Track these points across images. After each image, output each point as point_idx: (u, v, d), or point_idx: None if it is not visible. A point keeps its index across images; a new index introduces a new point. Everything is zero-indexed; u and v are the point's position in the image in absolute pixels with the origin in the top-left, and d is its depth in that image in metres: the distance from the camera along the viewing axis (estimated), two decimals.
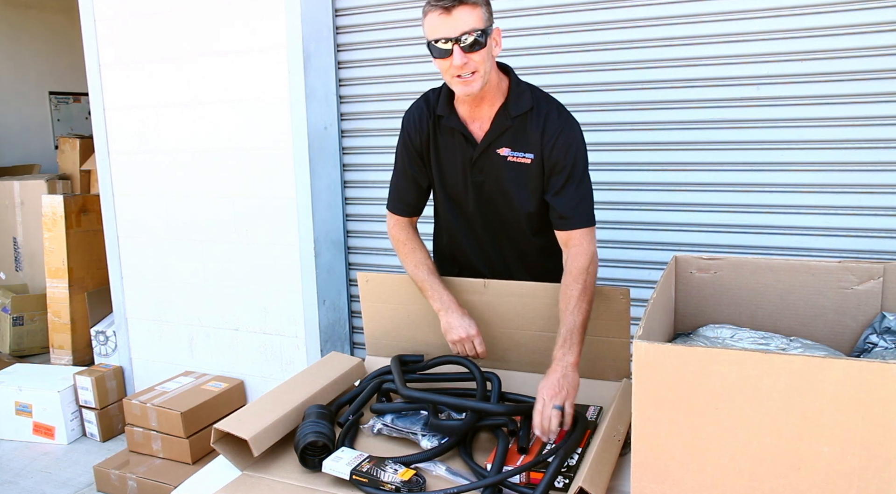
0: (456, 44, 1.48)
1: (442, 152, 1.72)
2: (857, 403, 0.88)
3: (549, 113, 1.64)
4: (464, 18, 1.47)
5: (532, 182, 1.66)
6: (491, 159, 1.66)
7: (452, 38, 1.48)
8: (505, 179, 1.67)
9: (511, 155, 1.64)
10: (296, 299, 3.04)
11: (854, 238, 2.31)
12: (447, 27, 1.47)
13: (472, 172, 1.68)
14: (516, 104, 1.63)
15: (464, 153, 1.68)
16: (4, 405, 3.36)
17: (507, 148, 1.64)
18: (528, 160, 1.64)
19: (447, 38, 1.48)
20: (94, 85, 3.31)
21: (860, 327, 1.38)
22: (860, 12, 2.19)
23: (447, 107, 1.67)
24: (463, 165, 1.69)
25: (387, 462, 1.30)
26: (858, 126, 2.26)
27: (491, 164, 1.67)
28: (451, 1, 1.46)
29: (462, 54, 1.48)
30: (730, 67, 2.36)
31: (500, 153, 1.65)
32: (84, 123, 6.33)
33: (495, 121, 1.64)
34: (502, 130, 1.64)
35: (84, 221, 3.94)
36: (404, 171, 1.79)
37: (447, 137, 1.70)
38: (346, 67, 3.01)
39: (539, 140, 1.63)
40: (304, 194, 2.92)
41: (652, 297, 1.20)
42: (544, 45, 2.61)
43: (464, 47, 1.48)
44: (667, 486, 1.00)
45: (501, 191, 1.69)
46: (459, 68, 1.50)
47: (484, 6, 1.51)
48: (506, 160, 1.65)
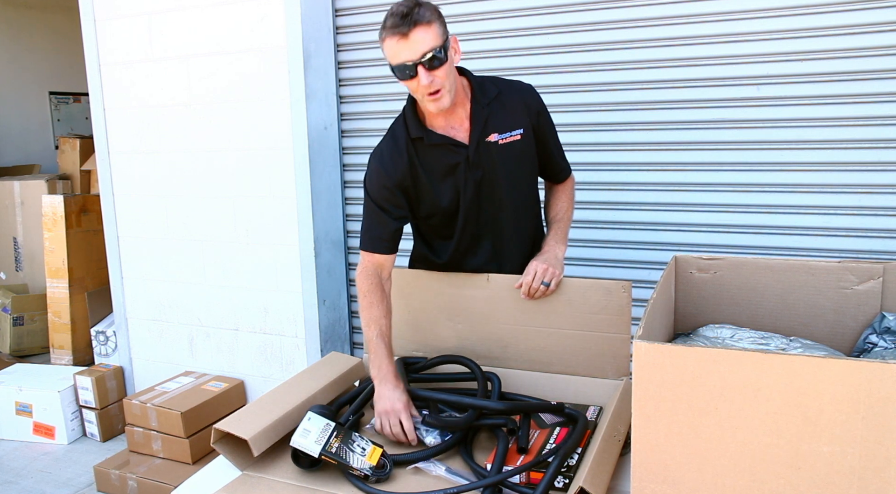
0: (420, 65, 1.51)
1: (432, 172, 1.69)
2: (856, 403, 0.88)
3: (514, 86, 1.74)
4: (422, 39, 1.50)
5: (527, 155, 1.74)
6: (484, 152, 1.69)
7: (415, 61, 1.50)
8: (502, 163, 1.71)
9: (501, 139, 1.69)
10: (296, 299, 3.04)
11: (854, 238, 2.31)
12: (407, 51, 1.50)
13: (470, 172, 1.69)
14: (484, 94, 1.69)
15: (456, 159, 1.68)
16: (4, 405, 3.36)
17: (495, 133, 1.68)
18: (518, 136, 1.70)
19: (409, 61, 1.50)
20: (94, 85, 3.31)
21: (860, 327, 1.38)
22: (860, 12, 2.19)
23: (420, 128, 1.68)
24: (460, 170, 1.69)
25: (353, 437, 1.31)
26: (858, 126, 2.26)
27: (485, 156, 1.69)
28: (406, 26, 1.48)
29: (427, 74, 1.52)
30: (730, 67, 2.36)
31: (490, 141, 1.68)
32: (84, 123, 6.33)
33: (473, 116, 1.67)
34: (484, 121, 1.67)
35: (84, 221, 3.95)
36: (377, 214, 1.73)
37: (432, 155, 1.68)
38: (346, 67, 3.01)
39: (524, 109, 1.71)
40: (304, 194, 2.92)
41: (652, 297, 1.20)
42: (544, 45, 2.61)
43: (427, 67, 1.51)
44: (667, 486, 1.00)
45: (502, 176, 1.72)
46: (427, 87, 1.53)
47: (437, 20, 1.55)
48: (498, 145, 1.69)
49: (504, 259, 1.80)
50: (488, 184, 1.71)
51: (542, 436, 1.37)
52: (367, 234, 1.75)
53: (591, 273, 2.71)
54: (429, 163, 1.69)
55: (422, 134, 1.67)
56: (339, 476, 1.31)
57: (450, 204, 1.72)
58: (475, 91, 1.69)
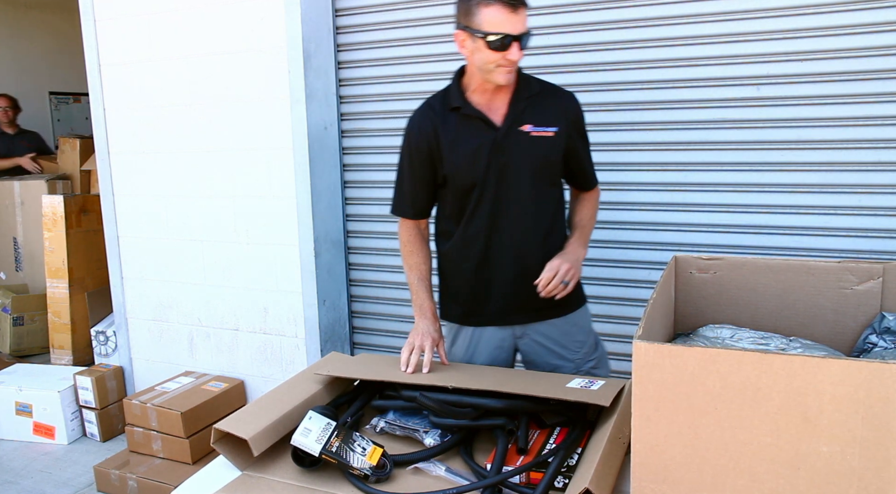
0: (516, 41, 1.61)
1: (458, 143, 1.76)
2: (856, 403, 0.88)
3: (558, 90, 1.83)
4: (524, 19, 1.62)
5: (555, 154, 1.79)
6: (514, 138, 1.74)
7: (514, 36, 1.60)
8: (529, 153, 1.76)
9: (534, 130, 1.75)
10: (296, 299, 3.04)
11: (854, 238, 2.31)
12: (511, 25, 1.59)
13: (495, 154, 1.74)
14: (527, 87, 1.77)
15: (484, 138, 1.74)
16: (5, 405, 3.36)
17: (530, 124, 1.75)
18: (552, 133, 1.76)
19: (510, 34, 1.59)
20: (94, 85, 3.31)
21: (860, 327, 1.38)
22: (860, 12, 2.19)
23: (460, 99, 1.76)
24: (484, 149, 1.74)
25: (354, 436, 1.31)
26: (858, 126, 2.26)
27: (514, 143, 1.74)
28: (517, 2, 1.59)
29: (518, 51, 1.62)
30: (730, 67, 2.36)
31: (523, 130, 1.74)
32: (84, 123, 6.34)
33: (512, 103, 1.75)
34: (521, 110, 1.75)
35: (84, 221, 3.95)
36: (411, 174, 1.84)
37: (462, 128, 1.76)
38: (346, 68, 3.01)
39: (563, 112, 1.79)
40: (304, 194, 2.92)
41: (652, 297, 1.20)
42: (544, 45, 2.61)
43: (521, 44, 1.62)
44: (667, 486, 1.00)
45: (526, 167, 1.76)
46: (512, 61, 1.63)
47: None
48: (529, 136, 1.75)
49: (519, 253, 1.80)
50: (513, 171, 1.75)
51: (541, 436, 1.37)
52: (397, 200, 1.89)
53: (591, 273, 2.71)
54: (456, 133, 1.76)
55: (460, 104, 1.75)
56: (339, 476, 1.31)
57: (466, 178, 1.77)
58: (520, 83, 1.76)
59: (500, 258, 1.81)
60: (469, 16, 1.62)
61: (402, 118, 2.92)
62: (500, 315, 1.84)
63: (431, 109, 1.80)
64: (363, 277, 3.16)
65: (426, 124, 1.78)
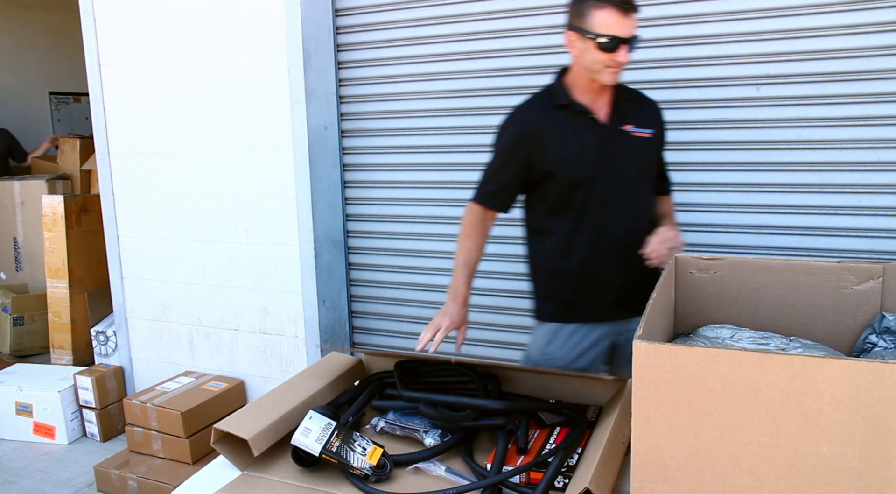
0: (625, 44, 1.66)
1: (565, 139, 1.79)
2: (856, 403, 0.88)
3: (644, 95, 1.93)
4: (633, 24, 1.67)
5: (652, 155, 1.89)
6: (619, 137, 1.81)
7: (624, 39, 1.65)
8: (632, 153, 1.83)
9: (635, 130, 1.83)
10: (296, 299, 3.04)
11: (854, 238, 2.31)
12: (622, 28, 1.65)
13: (602, 151, 1.79)
14: (624, 90, 1.87)
15: (592, 135, 1.79)
16: (5, 405, 3.36)
17: (631, 125, 1.82)
18: (649, 135, 1.85)
19: (620, 37, 1.65)
20: (94, 85, 3.31)
21: (860, 327, 1.38)
22: (860, 12, 2.19)
23: (567, 97, 1.80)
24: (592, 146, 1.79)
25: (354, 436, 1.31)
26: (858, 126, 2.26)
27: (620, 141, 1.81)
28: (630, 7, 1.65)
29: (626, 53, 1.68)
30: (730, 67, 2.36)
31: (625, 129, 1.82)
32: (84, 123, 6.33)
33: (614, 103, 1.82)
34: (622, 110, 1.82)
35: (84, 221, 3.95)
36: (503, 166, 1.87)
37: (569, 125, 1.79)
38: (346, 68, 3.01)
39: (655, 116, 1.90)
40: (304, 194, 2.92)
41: (652, 297, 1.20)
42: (544, 45, 2.61)
43: (630, 47, 1.68)
44: (667, 486, 1.00)
45: (630, 165, 1.83)
46: (620, 63, 1.68)
47: None
48: (631, 136, 1.82)
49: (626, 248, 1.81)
50: (619, 169, 1.81)
51: (541, 436, 1.37)
52: (481, 188, 1.91)
53: None
54: (564, 129, 1.79)
55: (568, 102, 1.79)
56: (340, 476, 1.31)
57: (573, 174, 1.79)
58: (617, 87, 1.83)
59: (608, 254, 1.84)
60: (581, 17, 1.68)
61: (403, 118, 2.95)
62: (606, 311, 1.88)
63: (536, 104, 1.84)
64: (363, 277, 3.16)
65: (531, 118, 1.81)
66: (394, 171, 3.01)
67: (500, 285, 2.88)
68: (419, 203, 2.98)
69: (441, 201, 2.93)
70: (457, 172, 2.88)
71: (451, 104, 2.84)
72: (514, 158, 1.83)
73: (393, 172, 3.01)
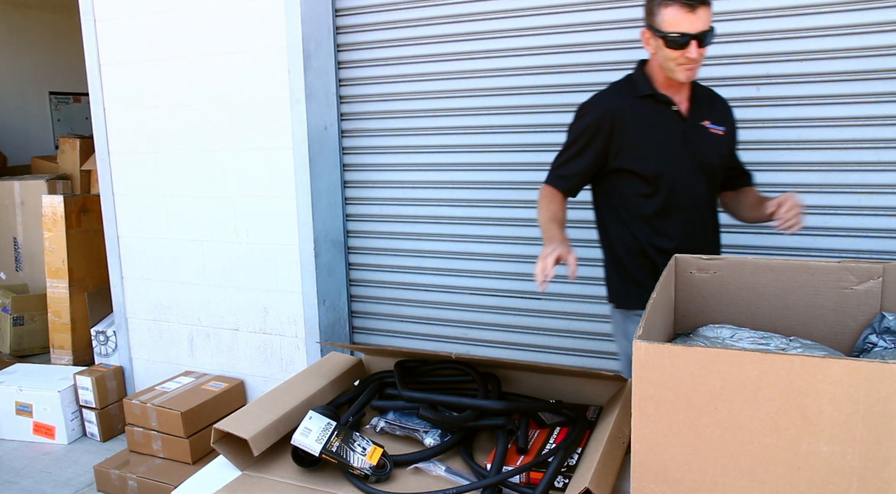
0: (694, 40, 1.66)
1: (647, 130, 1.80)
2: (856, 403, 0.88)
3: (714, 91, 1.94)
4: (704, 17, 1.66)
5: (724, 152, 1.90)
6: (699, 131, 1.83)
7: (692, 35, 1.65)
8: (709, 149, 1.85)
9: (712, 127, 1.85)
10: (296, 299, 3.04)
11: (854, 238, 2.31)
12: (689, 23, 1.65)
13: (684, 144, 1.81)
14: (699, 86, 1.88)
15: (674, 127, 1.81)
16: (5, 405, 3.36)
17: (708, 121, 1.85)
18: (722, 132, 1.87)
19: (688, 33, 1.65)
20: (94, 85, 3.31)
21: (860, 327, 1.38)
22: (860, 12, 2.19)
23: (650, 88, 1.82)
24: (674, 138, 1.81)
25: (354, 436, 1.32)
26: (858, 126, 2.26)
27: (699, 136, 1.83)
28: (696, 1, 1.64)
29: (697, 49, 1.67)
30: (730, 67, 2.36)
31: (704, 125, 1.84)
32: (84, 123, 6.33)
33: (693, 99, 1.84)
34: (701, 106, 1.85)
35: (84, 221, 3.95)
36: (580, 152, 1.87)
37: (652, 116, 1.80)
38: (346, 68, 3.01)
39: (727, 114, 1.92)
40: (304, 194, 2.92)
41: (652, 297, 1.20)
42: (544, 45, 2.61)
43: (699, 43, 1.67)
44: (667, 486, 1.00)
45: (707, 160, 1.84)
46: (692, 59, 1.69)
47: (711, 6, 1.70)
48: (708, 131, 1.85)
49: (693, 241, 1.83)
50: (697, 163, 1.82)
51: (541, 436, 1.37)
52: (553, 171, 1.93)
53: (591, 273, 2.71)
54: (646, 120, 1.80)
55: (652, 92, 1.80)
56: (340, 476, 1.31)
57: (653, 165, 1.80)
58: (693, 83, 1.84)
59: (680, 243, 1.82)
60: (652, 15, 1.70)
61: (403, 118, 2.95)
62: None
63: (617, 92, 1.85)
64: (363, 277, 3.16)
65: (613, 106, 1.82)
66: (394, 171, 3.01)
67: (500, 285, 2.88)
68: (419, 203, 2.98)
69: (441, 200, 2.93)
70: (457, 172, 2.88)
71: (451, 104, 2.84)
72: (592, 144, 1.83)
73: (393, 172, 3.01)
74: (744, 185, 2.01)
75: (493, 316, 2.93)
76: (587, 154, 1.85)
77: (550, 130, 2.67)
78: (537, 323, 2.85)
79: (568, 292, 2.76)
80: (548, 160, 2.70)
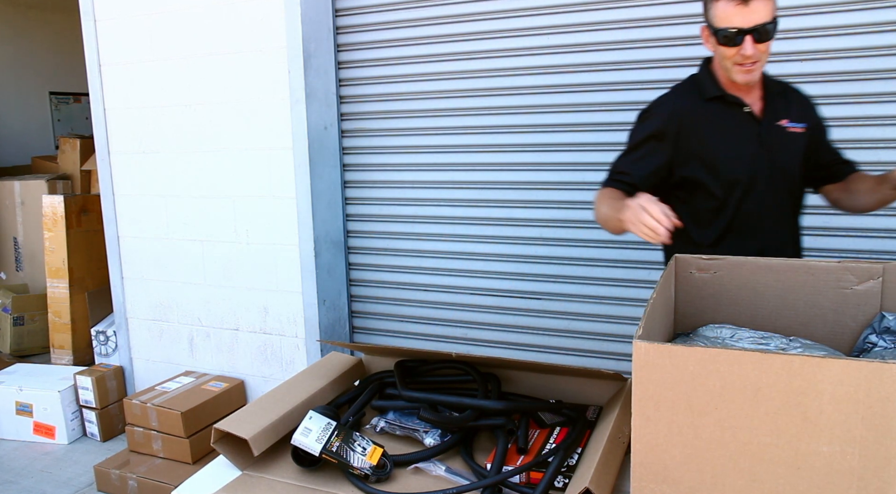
0: (748, 35, 1.52)
1: (718, 134, 1.67)
2: (856, 402, 0.88)
3: (798, 87, 1.79)
4: (760, 9, 1.51)
5: (806, 151, 1.74)
6: (775, 133, 1.68)
7: (746, 30, 1.51)
8: (789, 151, 1.70)
9: (790, 126, 1.70)
10: (296, 299, 3.04)
11: (854, 238, 2.31)
12: (741, 18, 1.51)
13: (760, 148, 1.67)
14: (772, 82, 1.72)
15: (749, 130, 1.67)
16: (5, 404, 3.36)
17: (786, 120, 1.69)
18: (802, 129, 1.71)
19: (740, 28, 1.51)
20: (94, 85, 3.31)
21: (859, 327, 1.38)
22: (860, 12, 2.19)
23: (717, 89, 1.68)
24: (750, 142, 1.67)
25: (354, 436, 1.32)
26: (858, 126, 2.26)
27: (776, 138, 1.68)
28: None
29: (753, 45, 1.53)
30: None
31: (781, 125, 1.68)
32: (84, 123, 6.33)
33: (767, 97, 1.68)
34: (776, 104, 1.69)
35: (84, 221, 3.95)
36: (644, 158, 1.72)
37: (723, 119, 1.67)
38: (346, 68, 3.01)
39: (810, 110, 1.75)
40: (304, 194, 2.92)
41: (652, 297, 1.19)
42: (544, 45, 2.61)
43: (756, 38, 1.52)
44: (667, 486, 1.00)
45: (787, 164, 1.71)
46: (747, 57, 1.54)
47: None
48: (786, 131, 1.69)
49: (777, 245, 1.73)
50: (776, 167, 1.69)
51: (541, 436, 1.37)
52: (612, 176, 1.75)
53: (590, 273, 2.71)
54: (716, 123, 1.67)
55: (720, 93, 1.67)
56: (340, 476, 1.31)
57: (728, 172, 1.67)
58: (765, 78, 1.69)
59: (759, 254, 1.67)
60: (706, 11, 1.59)
61: (403, 118, 2.95)
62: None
63: (683, 95, 1.72)
64: (363, 277, 3.16)
65: (681, 110, 1.68)
66: (394, 171, 3.01)
67: (500, 285, 2.89)
68: (419, 203, 2.98)
69: (441, 200, 2.94)
70: (457, 173, 2.88)
71: (451, 104, 2.84)
72: (657, 151, 1.70)
73: (393, 172, 3.01)
74: (849, 172, 1.82)
75: (492, 316, 2.93)
76: (650, 162, 1.70)
77: (550, 130, 2.67)
78: (537, 323, 2.85)
79: (568, 293, 2.76)
80: (548, 160, 2.71)
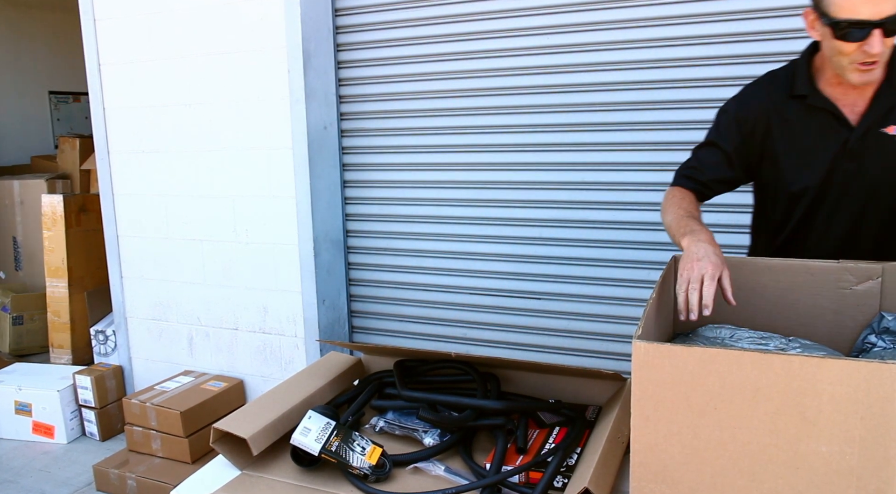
0: (878, 28, 1.26)
1: (796, 139, 1.49)
2: (855, 403, 0.88)
3: None
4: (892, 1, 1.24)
5: None
6: (872, 142, 1.43)
7: (874, 22, 1.25)
8: (889, 163, 1.44)
9: None
10: (295, 298, 3.04)
11: None
12: (872, 7, 1.24)
13: (843, 159, 1.45)
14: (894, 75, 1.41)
15: (833, 138, 1.45)
16: (4, 404, 3.36)
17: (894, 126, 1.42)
18: None
19: (867, 21, 1.25)
20: (94, 85, 3.31)
21: (859, 327, 1.38)
22: None
23: (808, 86, 1.46)
24: (829, 151, 1.46)
25: (353, 436, 1.32)
26: None
27: (872, 147, 1.44)
28: None
29: (881, 41, 1.26)
30: (730, 68, 2.36)
31: (887, 132, 1.42)
32: (84, 122, 6.33)
33: (878, 97, 1.42)
34: (888, 108, 1.42)
35: (84, 220, 3.94)
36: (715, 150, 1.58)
37: (805, 122, 1.47)
38: (346, 67, 3.01)
39: None
40: (303, 194, 2.92)
41: (651, 297, 1.19)
42: (544, 45, 2.61)
43: (886, 32, 1.26)
44: (666, 486, 1.00)
45: (879, 178, 1.46)
46: (871, 55, 1.29)
47: None
48: (894, 140, 1.43)
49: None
50: (863, 182, 1.46)
51: (541, 436, 1.37)
52: (681, 171, 1.62)
53: (590, 273, 2.71)
54: (796, 126, 1.48)
55: (806, 92, 1.45)
56: (339, 476, 1.31)
57: (797, 182, 1.50)
58: (891, 69, 1.40)
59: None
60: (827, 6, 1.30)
61: (402, 118, 2.95)
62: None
63: (769, 88, 1.51)
64: (363, 277, 3.16)
65: (758, 104, 1.50)
66: (393, 171, 3.01)
67: (500, 285, 2.88)
68: (419, 203, 2.98)
69: (441, 200, 2.94)
70: (456, 172, 2.88)
71: (450, 104, 2.84)
72: (727, 143, 1.54)
73: (393, 171, 3.01)
74: None
75: (492, 316, 2.93)
76: (719, 155, 1.57)
77: (550, 130, 2.67)
78: (536, 323, 2.85)
79: (567, 292, 2.76)
80: (547, 160, 2.71)
